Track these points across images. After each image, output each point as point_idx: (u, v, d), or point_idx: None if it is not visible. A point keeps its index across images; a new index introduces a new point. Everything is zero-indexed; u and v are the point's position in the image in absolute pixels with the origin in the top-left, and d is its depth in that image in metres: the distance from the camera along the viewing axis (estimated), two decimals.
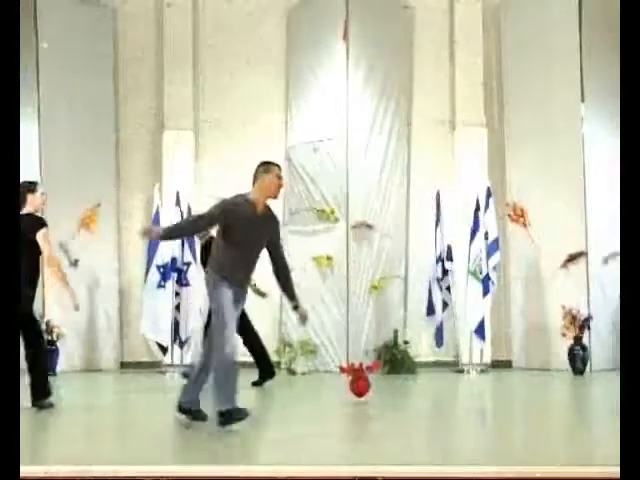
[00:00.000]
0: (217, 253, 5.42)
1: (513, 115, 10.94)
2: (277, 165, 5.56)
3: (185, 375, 7.67)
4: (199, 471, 3.99)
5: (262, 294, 8.36)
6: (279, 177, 5.49)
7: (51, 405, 6.40)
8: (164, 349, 10.33)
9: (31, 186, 7.04)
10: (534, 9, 10.68)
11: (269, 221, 5.47)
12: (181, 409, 5.54)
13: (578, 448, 4.76)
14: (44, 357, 6.71)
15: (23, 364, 5.89)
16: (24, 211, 6.75)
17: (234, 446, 4.80)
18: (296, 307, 5.60)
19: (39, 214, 6.83)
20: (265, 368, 8.57)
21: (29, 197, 6.95)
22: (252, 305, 10.44)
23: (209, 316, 6.60)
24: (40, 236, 6.45)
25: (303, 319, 5.66)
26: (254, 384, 8.34)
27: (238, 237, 5.30)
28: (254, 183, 5.45)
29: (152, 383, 9.35)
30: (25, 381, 5.93)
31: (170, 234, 5.88)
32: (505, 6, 11.10)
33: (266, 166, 5.50)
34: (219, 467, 4.11)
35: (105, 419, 6.46)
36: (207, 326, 6.93)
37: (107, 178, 11.08)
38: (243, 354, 7.62)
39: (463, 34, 11.07)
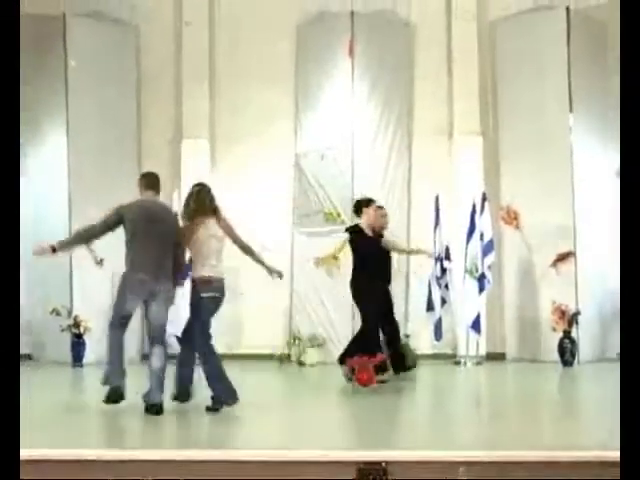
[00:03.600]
0: None
1: (507, 125, 11.41)
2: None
3: None
4: (195, 455, 4.07)
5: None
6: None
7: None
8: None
9: (367, 202, 8.02)
10: (526, 27, 11.16)
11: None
12: None
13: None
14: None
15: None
16: (359, 222, 8.13)
17: None
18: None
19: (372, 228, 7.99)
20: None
21: (364, 211, 7.94)
22: (263, 300, 10.90)
23: None
24: None
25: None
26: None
27: None
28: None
29: None
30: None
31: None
32: (500, 24, 11.54)
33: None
34: (222, 451, 4.25)
35: None
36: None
37: (130, 185, 11.64)
38: None
39: (460, 50, 11.46)
